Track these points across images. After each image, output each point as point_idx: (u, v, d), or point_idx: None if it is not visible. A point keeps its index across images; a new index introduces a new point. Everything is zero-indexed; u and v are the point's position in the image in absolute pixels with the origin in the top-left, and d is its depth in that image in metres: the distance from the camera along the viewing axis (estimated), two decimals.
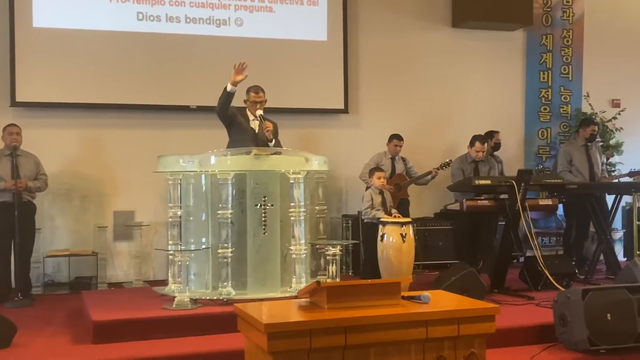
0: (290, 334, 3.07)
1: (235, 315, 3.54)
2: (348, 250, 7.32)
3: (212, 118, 6.16)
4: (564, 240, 7.86)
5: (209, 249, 5.51)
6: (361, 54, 8.18)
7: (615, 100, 9.08)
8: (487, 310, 3.47)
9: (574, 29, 9.01)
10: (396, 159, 7.64)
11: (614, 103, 9.06)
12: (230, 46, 7.55)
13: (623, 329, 4.66)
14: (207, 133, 6.44)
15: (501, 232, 6.60)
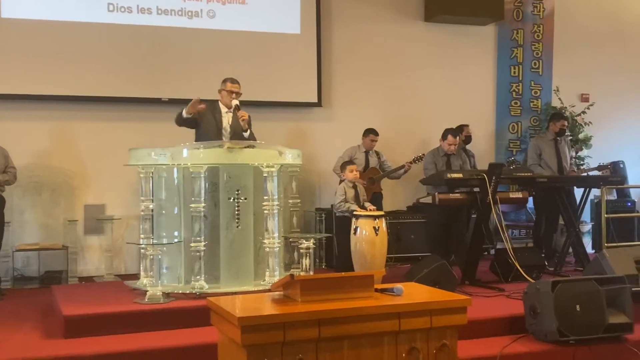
0: (264, 327, 3.08)
1: (208, 309, 3.54)
2: (321, 243, 7.34)
3: None
4: (534, 232, 7.96)
5: (181, 242, 5.48)
6: (334, 47, 8.18)
7: (585, 95, 9.21)
8: (459, 302, 3.52)
9: (544, 24, 9.12)
10: (370, 152, 7.67)
11: (583, 97, 9.19)
12: (203, 38, 7.51)
13: (592, 320, 4.74)
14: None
15: (473, 225, 6.66)
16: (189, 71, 7.38)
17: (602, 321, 4.75)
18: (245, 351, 3.07)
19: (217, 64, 7.31)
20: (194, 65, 7.39)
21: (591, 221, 8.64)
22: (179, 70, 7.35)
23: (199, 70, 7.28)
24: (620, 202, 8.85)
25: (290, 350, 3.14)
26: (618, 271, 5.28)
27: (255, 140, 5.87)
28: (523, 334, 4.89)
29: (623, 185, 8.43)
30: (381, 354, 3.32)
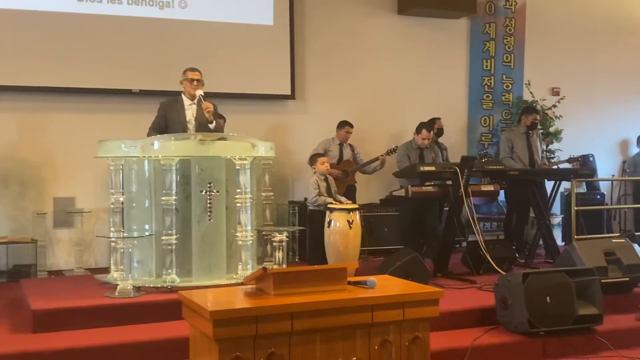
0: (236, 320, 3.06)
1: (180, 302, 3.51)
2: (295, 236, 7.32)
3: (155, 103, 6.05)
4: (505, 225, 8.02)
5: (152, 236, 5.42)
6: (307, 39, 8.15)
7: (555, 89, 9.30)
8: (432, 294, 3.54)
9: (516, 17, 9.18)
10: (344, 145, 7.67)
11: (554, 91, 9.28)
12: (174, 29, 7.42)
13: (562, 312, 4.80)
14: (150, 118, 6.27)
15: (445, 218, 6.69)
16: (160, 62, 7.29)
17: (571, 312, 4.81)
18: (217, 345, 3.05)
19: (188, 56, 7.22)
20: (165, 57, 7.30)
21: (561, 214, 8.75)
22: (150, 62, 7.26)
23: (170, 61, 7.19)
24: (589, 195, 8.98)
25: (263, 344, 3.12)
26: (588, 263, 5.35)
27: (222, 131, 5.81)
28: (494, 326, 4.94)
29: (593, 178, 8.56)
30: (354, 346, 3.32)
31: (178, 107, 5.83)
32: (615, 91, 9.66)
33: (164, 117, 5.83)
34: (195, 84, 5.78)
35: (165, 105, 5.89)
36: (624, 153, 9.85)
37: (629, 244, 5.81)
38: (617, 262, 5.57)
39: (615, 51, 9.71)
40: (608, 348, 4.80)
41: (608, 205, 9.19)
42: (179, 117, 5.79)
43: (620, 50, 9.74)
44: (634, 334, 5.05)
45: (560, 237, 8.46)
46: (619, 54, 9.73)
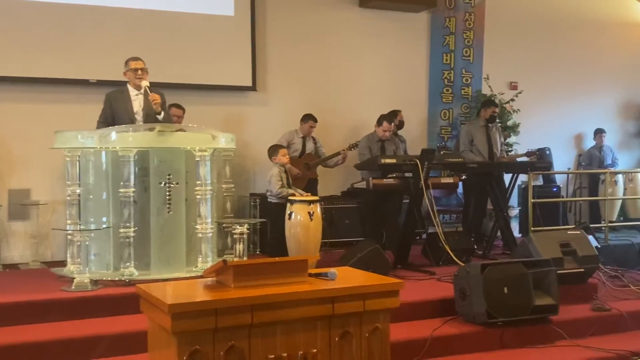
0: (195, 314, 3.04)
1: (138, 296, 3.46)
2: (256, 229, 7.28)
3: None
4: (463, 217, 8.11)
5: (110, 228, 5.34)
6: (269, 30, 8.09)
7: (513, 83, 9.43)
8: (392, 285, 3.56)
9: (475, 12, 9.27)
10: (307, 138, 7.66)
11: (512, 85, 9.41)
12: (134, 19, 7.28)
13: (519, 302, 4.87)
14: None
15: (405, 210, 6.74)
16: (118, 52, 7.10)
17: (528, 303, 4.89)
18: (176, 339, 3.02)
19: (148, 45, 7.10)
20: (123, 46, 7.14)
21: (518, 206, 8.88)
22: (108, 51, 7.10)
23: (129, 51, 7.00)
24: (546, 187, 9.14)
25: (222, 337, 3.10)
26: (544, 254, 5.45)
27: (170, 122, 5.72)
28: (453, 316, 5.00)
29: (549, 171, 8.71)
30: (314, 338, 3.32)
31: (124, 98, 5.72)
32: (571, 86, 9.85)
33: (110, 108, 5.71)
34: (140, 74, 5.67)
35: (111, 97, 5.77)
36: (579, 147, 10.06)
37: (584, 236, 5.93)
38: (572, 254, 5.68)
39: (571, 46, 9.89)
40: (563, 337, 4.90)
41: (564, 197, 9.37)
42: (126, 109, 5.68)
43: (577, 45, 9.92)
44: (589, 324, 5.16)
45: (517, 229, 8.59)
46: (575, 48, 9.92)
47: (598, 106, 10.09)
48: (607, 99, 10.20)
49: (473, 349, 4.69)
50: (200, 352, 3.05)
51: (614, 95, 10.28)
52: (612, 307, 5.40)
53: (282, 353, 3.24)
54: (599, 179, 9.32)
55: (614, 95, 10.27)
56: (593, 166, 9.45)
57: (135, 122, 5.64)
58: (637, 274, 6.74)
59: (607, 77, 10.17)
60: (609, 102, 10.24)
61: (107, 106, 5.74)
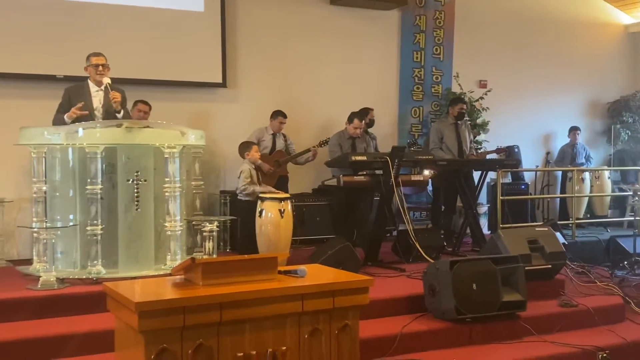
0: (163, 312, 3.00)
1: (105, 294, 3.41)
2: (226, 226, 7.24)
3: None
4: (432, 214, 8.16)
5: (76, 226, 5.26)
6: (239, 26, 8.05)
7: (483, 81, 9.51)
8: (361, 282, 3.55)
9: (445, 10, 9.32)
10: (277, 135, 7.63)
11: (481, 84, 9.49)
12: (102, 13, 7.17)
13: (487, 298, 4.91)
14: None
15: (376, 207, 6.75)
16: (86, 48, 6.96)
17: (497, 299, 4.94)
18: (143, 337, 2.98)
19: (116, 41, 7.02)
20: (91, 42, 7.03)
21: (487, 203, 8.96)
22: (75, 47, 6.98)
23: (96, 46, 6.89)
24: (514, 184, 9.23)
25: (191, 335, 3.07)
26: (512, 251, 5.50)
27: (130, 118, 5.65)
28: (422, 313, 5.02)
29: (518, 169, 8.81)
30: (283, 336, 3.31)
31: (84, 94, 5.63)
32: (539, 85, 9.96)
33: (69, 102, 5.60)
34: (101, 70, 5.60)
35: (70, 92, 5.68)
36: (547, 145, 10.18)
37: (552, 233, 6.01)
38: (540, 250, 5.75)
39: (540, 45, 10.00)
40: (531, 333, 4.95)
41: (532, 195, 9.48)
42: (86, 104, 5.59)
43: (545, 45, 10.04)
44: (556, 320, 5.22)
45: (486, 225, 8.67)
46: (544, 48, 10.03)
47: (566, 105, 10.23)
48: (575, 97, 10.35)
49: (442, 345, 4.72)
50: (168, 350, 3.02)
51: (582, 94, 10.43)
52: (578, 303, 5.47)
53: (251, 351, 3.22)
54: (567, 177, 9.45)
55: (581, 94, 10.42)
56: (565, 163, 9.57)
57: (95, 118, 5.56)
58: (603, 270, 6.85)
59: (575, 77, 10.32)
60: (577, 101, 10.39)
61: (65, 100, 5.64)
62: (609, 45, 10.69)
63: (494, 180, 8.02)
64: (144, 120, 5.49)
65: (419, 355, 4.54)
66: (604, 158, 10.53)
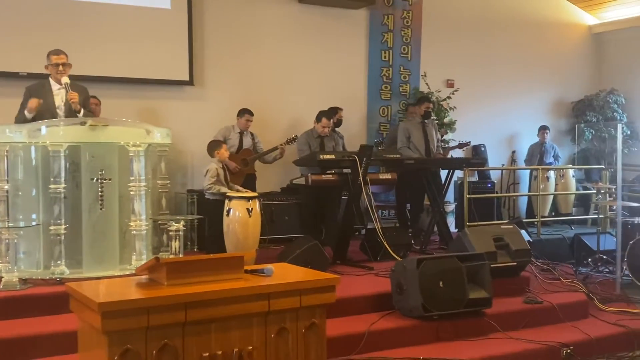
0: (127, 312, 2.96)
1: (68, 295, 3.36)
2: (193, 225, 7.18)
3: None
4: (398, 213, 8.17)
5: (39, 225, 5.17)
6: (207, 24, 7.99)
7: (450, 81, 9.59)
8: (328, 281, 3.55)
9: (413, 10, 9.37)
10: (244, 133, 7.59)
11: (449, 83, 9.56)
12: (67, 10, 7.07)
13: (454, 296, 4.95)
14: None
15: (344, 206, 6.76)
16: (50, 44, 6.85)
17: (463, 296, 4.98)
18: (106, 338, 2.93)
19: (81, 38, 6.92)
20: (55, 38, 6.91)
21: (454, 201, 9.04)
22: (39, 43, 6.85)
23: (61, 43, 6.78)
24: (481, 183, 9.32)
25: (155, 335, 3.04)
26: (478, 248, 5.55)
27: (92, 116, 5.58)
28: (390, 311, 5.03)
29: (484, 168, 8.90)
30: (250, 335, 3.29)
31: (46, 92, 5.56)
32: (506, 84, 10.08)
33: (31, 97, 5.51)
34: (61, 69, 5.52)
35: (32, 90, 5.59)
36: (513, 144, 10.30)
37: (517, 230, 6.07)
38: (505, 248, 5.80)
39: (506, 45, 10.12)
40: (497, 330, 5.00)
41: (498, 193, 9.58)
42: (48, 103, 5.51)
43: (511, 45, 10.16)
44: (521, 316, 5.27)
45: (453, 224, 8.74)
46: (510, 48, 10.15)
47: (531, 104, 10.36)
48: (540, 97, 10.49)
49: (409, 342, 4.73)
50: (132, 351, 2.98)
51: (547, 93, 10.58)
52: (543, 300, 5.53)
53: (216, 351, 3.19)
54: (533, 175, 9.57)
55: (546, 93, 10.57)
56: (533, 162, 9.69)
57: (57, 116, 5.49)
58: (567, 268, 6.95)
59: (541, 76, 10.47)
60: (542, 101, 10.54)
61: (26, 100, 5.54)
62: (574, 45, 10.86)
63: (461, 179, 8.09)
64: (108, 118, 5.40)
65: (386, 353, 4.55)
66: (569, 157, 10.70)
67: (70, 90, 5.43)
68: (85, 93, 5.63)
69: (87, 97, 5.68)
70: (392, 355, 4.53)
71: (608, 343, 5.10)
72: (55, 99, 5.55)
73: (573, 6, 10.80)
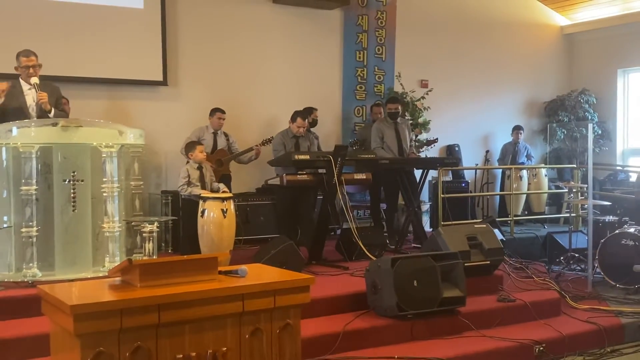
0: (99, 314, 2.94)
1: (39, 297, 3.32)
2: (167, 227, 7.13)
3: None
4: (372, 212, 8.18)
5: (11, 227, 5.10)
6: (180, 24, 7.95)
7: (424, 81, 9.64)
8: (302, 281, 3.55)
9: (387, 10, 9.41)
10: (218, 133, 7.56)
11: (423, 83, 9.62)
12: (38, 9, 6.98)
13: (428, 295, 4.99)
14: None
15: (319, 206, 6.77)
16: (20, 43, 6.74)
17: (437, 295, 5.01)
18: (79, 340, 2.91)
19: (52, 37, 6.85)
20: (27, 37, 6.82)
21: (429, 201, 9.09)
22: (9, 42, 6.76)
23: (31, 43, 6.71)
24: (455, 182, 9.38)
25: (128, 338, 3.01)
26: (452, 247, 5.59)
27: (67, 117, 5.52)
28: (365, 310, 5.05)
29: (458, 167, 8.97)
30: (224, 336, 3.28)
31: (17, 92, 5.48)
32: (479, 84, 10.18)
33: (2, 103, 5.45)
34: (31, 71, 5.45)
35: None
36: (487, 143, 10.40)
37: (490, 229, 6.13)
38: (479, 246, 5.86)
39: (480, 46, 10.21)
40: (470, 328, 5.05)
41: (472, 192, 9.66)
42: (19, 103, 5.44)
43: (485, 45, 10.26)
44: (495, 314, 5.34)
45: (428, 223, 8.79)
46: (484, 48, 10.25)
47: (504, 104, 10.48)
48: (513, 97, 10.61)
49: (384, 341, 4.76)
50: (105, 353, 2.95)
51: (520, 94, 10.70)
52: (516, 298, 5.59)
53: (190, 352, 3.18)
54: (506, 174, 9.67)
55: (519, 94, 10.69)
56: (506, 161, 9.79)
57: (29, 116, 5.42)
58: (540, 266, 7.04)
59: (514, 77, 10.58)
60: (515, 101, 10.65)
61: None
62: (546, 46, 11.00)
63: (435, 178, 8.14)
64: (79, 119, 5.34)
65: (361, 353, 4.57)
66: (541, 156, 10.82)
67: (39, 90, 5.36)
68: (57, 92, 5.57)
69: (60, 97, 5.62)
70: (367, 354, 4.56)
71: (580, 340, 5.17)
72: (27, 99, 5.48)
73: (545, 7, 10.93)
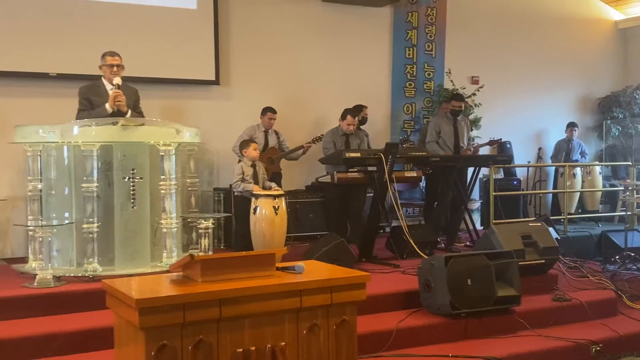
0: (163, 308, 3.01)
1: (103, 291, 3.42)
2: (220, 223, 7.25)
3: (73, 87, 5.85)
4: (425, 210, 8.17)
5: (72, 224, 5.27)
6: (232, 24, 8.05)
7: (475, 77, 9.55)
8: (359, 278, 3.57)
9: (437, 7, 9.35)
10: (269, 132, 7.64)
11: (474, 80, 9.53)
12: (94, 11, 7.16)
13: (482, 293, 4.95)
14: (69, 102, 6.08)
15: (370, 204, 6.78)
16: (80, 45, 7.02)
17: (491, 294, 4.97)
18: (143, 334, 2.99)
19: (109, 39, 7.00)
20: (84, 39, 7.04)
21: (480, 199, 9.02)
22: (69, 44, 6.99)
23: (89, 44, 6.94)
24: (507, 180, 9.29)
25: (191, 332, 3.08)
26: (506, 246, 5.54)
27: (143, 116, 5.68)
28: (417, 308, 5.05)
29: (510, 165, 8.86)
30: (282, 331, 3.32)
31: (101, 92, 5.67)
32: (531, 81, 10.02)
33: (88, 100, 5.63)
34: (115, 70, 5.62)
35: (86, 90, 5.70)
36: (539, 141, 10.24)
37: (545, 228, 6.05)
38: (533, 245, 5.78)
39: (531, 41, 10.06)
40: (525, 328, 5.00)
41: (524, 190, 9.53)
42: (105, 102, 5.61)
43: (537, 41, 10.10)
44: (550, 314, 5.27)
45: (479, 221, 8.72)
46: (536, 44, 10.09)
47: (557, 101, 10.30)
48: (566, 93, 10.42)
49: (437, 340, 4.75)
50: (168, 347, 3.03)
51: (573, 90, 10.50)
52: (572, 297, 5.52)
53: (250, 347, 3.23)
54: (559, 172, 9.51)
55: (572, 90, 10.50)
56: (559, 158, 9.64)
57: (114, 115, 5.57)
58: (595, 265, 6.92)
59: (566, 72, 10.39)
60: (568, 97, 10.46)
61: (84, 99, 5.66)
62: (600, 41, 10.77)
63: (487, 176, 8.07)
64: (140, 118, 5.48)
65: (414, 350, 4.58)
66: (595, 153, 10.61)
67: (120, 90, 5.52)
68: (136, 95, 5.73)
69: (138, 99, 5.78)
70: (420, 352, 4.56)
71: (637, 340, 5.07)
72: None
73: (599, 1, 10.70)
